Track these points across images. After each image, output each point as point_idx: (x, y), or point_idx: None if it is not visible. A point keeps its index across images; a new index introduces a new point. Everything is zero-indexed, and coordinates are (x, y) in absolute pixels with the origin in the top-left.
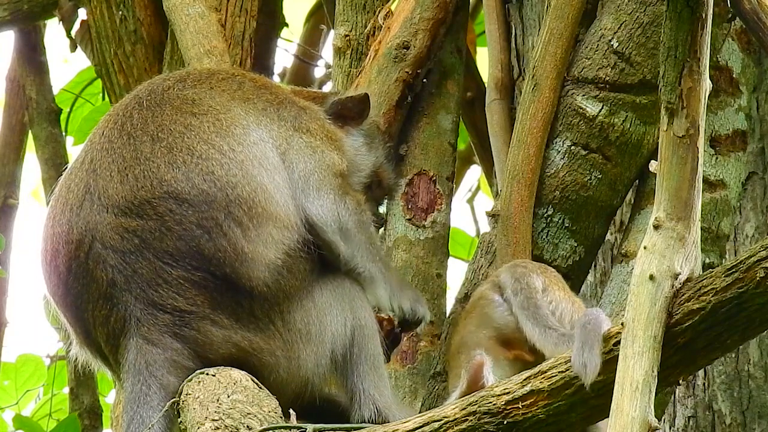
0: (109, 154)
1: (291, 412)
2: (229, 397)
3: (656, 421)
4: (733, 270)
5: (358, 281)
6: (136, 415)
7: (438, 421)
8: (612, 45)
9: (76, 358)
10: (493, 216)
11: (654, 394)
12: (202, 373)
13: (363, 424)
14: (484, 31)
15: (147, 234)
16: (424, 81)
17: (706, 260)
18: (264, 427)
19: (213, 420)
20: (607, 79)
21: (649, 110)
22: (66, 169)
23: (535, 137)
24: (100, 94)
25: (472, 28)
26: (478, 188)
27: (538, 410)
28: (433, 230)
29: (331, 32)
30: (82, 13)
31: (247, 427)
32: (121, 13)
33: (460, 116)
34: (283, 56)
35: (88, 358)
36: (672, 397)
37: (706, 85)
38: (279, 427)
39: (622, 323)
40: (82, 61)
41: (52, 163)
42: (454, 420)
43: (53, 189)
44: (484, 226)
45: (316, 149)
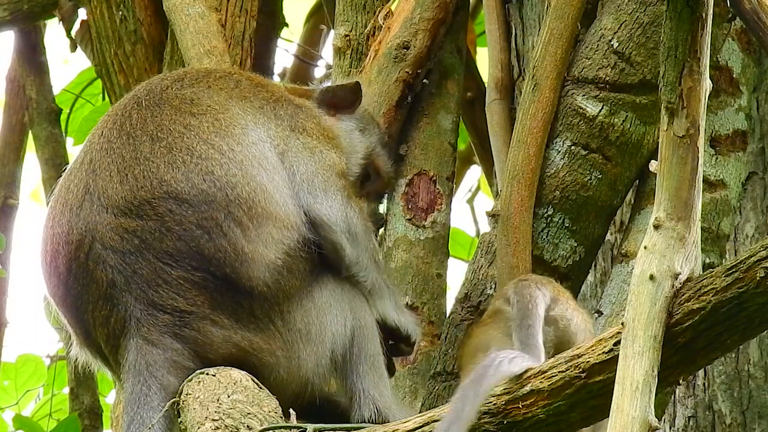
0: (109, 155)
1: (291, 412)
2: (229, 397)
3: (656, 421)
4: (733, 270)
5: (360, 289)
6: (136, 416)
7: (438, 421)
8: (612, 45)
9: (76, 359)
10: (493, 216)
11: (654, 394)
12: (202, 373)
13: (363, 424)
14: (484, 31)
15: (147, 234)
16: (424, 81)
17: (706, 260)
18: (264, 427)
19: (213, 420)
20: (607, 79)
21: (649, 110)
22: (66, 169)
23: (535, 137)
24: (100, 95)
25: (472, 28)
26: (478, 188)
27: (538, 410)
28: (433, 230)
29: (331, 32)
30: (82, 13)
31: (248, 427)
32: (121, 13)
33: (460, 116)
34: (283, 56)
35: (89, 359)
36: (672, 397)
37: (707, 85)
38: (279, 427)
39: (622, 323)
40: (83, 62)
41: (52, 163)
42: None
43: (53, 189)
44: (484, 226)
45: (314, 150)
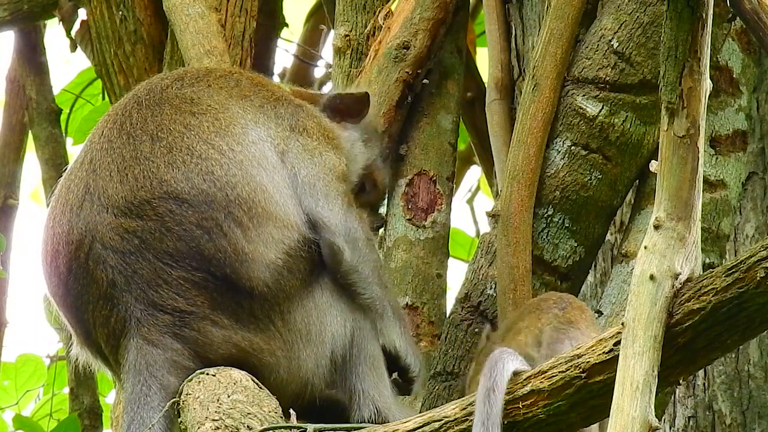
0: (109, 154)
1: (291, 412)
2: (229, 397)
3: (656, 421)
4: (734, 270)
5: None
6: (136, 416)
7: (438, 421)
8: (612, 45)
9: (76, 359)
10: (493, 216)
11: (654, 394)
12: (203, 373)
13: (363, 424)
14: (484, 31)
15: (147, 234)
16: (424, 81)
17: (706, 260)
18: (264, 427)
19: (213, 420)
20: (608, 79)
21: (649, 110)
22: (66, 169)
23: (535, 137)
24: (100, 95)
25: (472, 28)
26: (478, 188)
27: (538, 410)
28: (433, 230)
29: (331, 32)
30: (82, 13)
31: (248, 427)
32: (121, 13)
33: (460, 116)
34: (283, 56)
35: (89, 359)
36: (672, 397)
37: (707, 85)
38: (279, 427)
39: (623, 323)
40: (83, 62)
41: (52, 163)
42: (455, 420)
43: (53, 189)
44: (484, 226)
45: (314, 151)
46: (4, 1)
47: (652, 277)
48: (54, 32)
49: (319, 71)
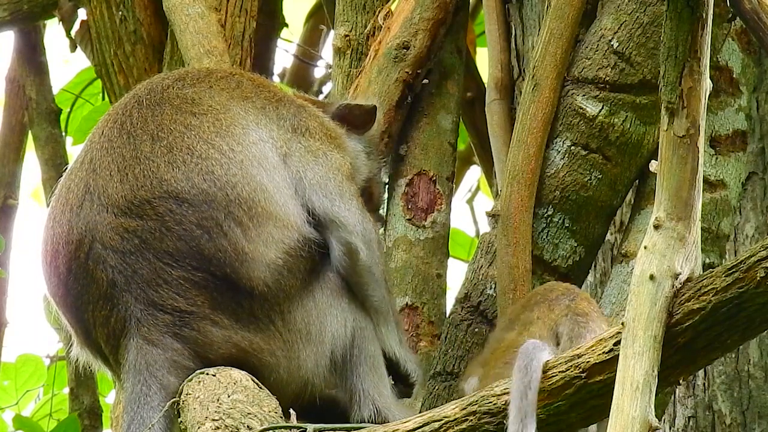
0: (109, 154)
1: (291, 412)
2: (229, 396)
3: (656, 421)
4: (734, 270)
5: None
6: (136, 416)
7: (438, 421)
8: (612, 45)
9: (76, 359)
10: (493, 216)
11: (654, 394)
12: (203, 373)
13: (363, 424)
14: (484, 31)
15: (147, 234)
16: (424, 81)
17: (706, 260)
18: (264, 427)
19: (213, 420)
20: (607, 79)
21: (649, 110)
22: (66, 169)
23: (535, 137)
24: (100, 95)
25: (472, 28)
26: (478, 188)
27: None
28: (433, 230)
29: (331, 32)
30: (82, 13)
31: (248, 427)
32: (121, 13)
33: (460, 116)
34: (283, 56)
35: (89, 359)
36: (672, 397)
37: (707, 85)
38: (279, 427)
39: (623, 323)
40: (82, 61)
41: (52, 163)
42: (454, 420)
43: (53, 189)
44: (484, 226)
45: (318, 152)
46: (4, 1)
47: (652, 277)
48: (54, 32)
49: (319, 71)
